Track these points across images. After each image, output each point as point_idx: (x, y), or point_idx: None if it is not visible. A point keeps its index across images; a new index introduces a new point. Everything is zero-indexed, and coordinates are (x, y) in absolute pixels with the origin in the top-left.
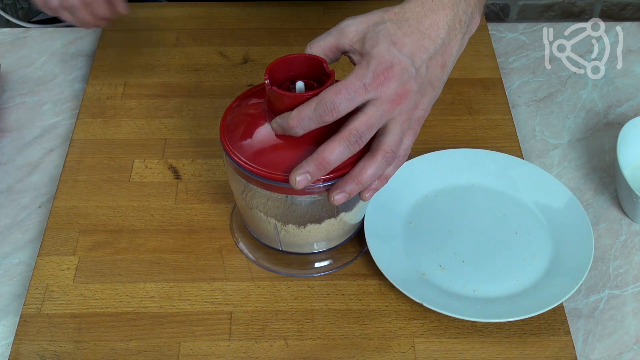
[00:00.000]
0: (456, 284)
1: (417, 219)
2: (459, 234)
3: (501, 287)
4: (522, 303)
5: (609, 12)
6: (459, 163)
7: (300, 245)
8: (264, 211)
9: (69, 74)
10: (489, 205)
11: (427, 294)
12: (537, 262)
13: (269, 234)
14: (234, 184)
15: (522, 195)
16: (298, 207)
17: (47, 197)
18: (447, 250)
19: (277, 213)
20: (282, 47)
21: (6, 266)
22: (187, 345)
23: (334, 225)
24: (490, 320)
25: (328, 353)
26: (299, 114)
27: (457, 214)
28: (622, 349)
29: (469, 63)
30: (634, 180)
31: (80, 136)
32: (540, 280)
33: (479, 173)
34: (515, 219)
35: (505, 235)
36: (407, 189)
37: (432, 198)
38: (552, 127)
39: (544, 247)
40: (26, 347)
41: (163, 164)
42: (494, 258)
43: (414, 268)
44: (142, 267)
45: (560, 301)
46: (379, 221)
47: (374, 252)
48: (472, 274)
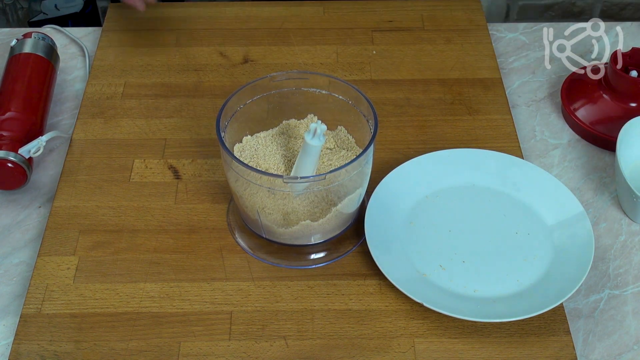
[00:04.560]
0: (457, 284)
1: (417, 219)
2: (459, 234)
3: (502, 287)
4: (523, 303)
5: (609, 12)
6: (459, 163)
7: (297, 238)
8: (259, 205)
9: (69, 74)
10: (489, 206)
11: (427, 294)
12: (537, 263)
13: (259, 222)
14: (230, 174)
15: (522, 195)
16: (293, 201)
17: (47, 197)
18: (448, 251)
19: (268, 205)
20: (282, 47)
21: (6, 266)
22: (187, 345)
23: (330, 219)
24: (491, 320)
25: (328, 353)
26: None
27: (457, 214)
28: (622, 349)
29: (469, 63)
30: (634, 180)
31: (80, 136)
32: (540, 281)
33: (479, 173)
34: (515, 219)
35: (505, 236)
36: (408, 189)
37: (433, 198)
38: (552, 127)
39: (544, 247)
40: (26, 347)
41: (163, 164)
42: (494, 258)
43: (414, 268)
44: (142, 267)
45: (560, 301)
46: (380, 221)
47: (375, 252)
48: (472, 274)
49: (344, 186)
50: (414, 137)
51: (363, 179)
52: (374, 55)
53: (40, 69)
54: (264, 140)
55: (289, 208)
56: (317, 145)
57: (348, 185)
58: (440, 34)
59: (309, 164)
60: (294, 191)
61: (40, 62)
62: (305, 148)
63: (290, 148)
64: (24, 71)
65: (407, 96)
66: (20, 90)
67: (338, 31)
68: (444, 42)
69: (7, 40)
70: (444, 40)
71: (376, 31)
